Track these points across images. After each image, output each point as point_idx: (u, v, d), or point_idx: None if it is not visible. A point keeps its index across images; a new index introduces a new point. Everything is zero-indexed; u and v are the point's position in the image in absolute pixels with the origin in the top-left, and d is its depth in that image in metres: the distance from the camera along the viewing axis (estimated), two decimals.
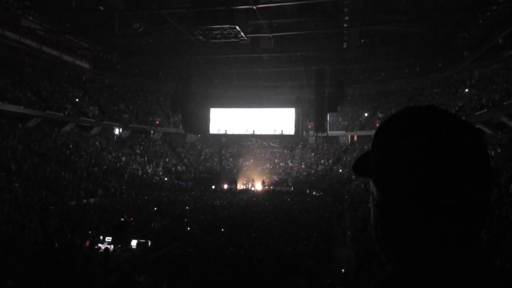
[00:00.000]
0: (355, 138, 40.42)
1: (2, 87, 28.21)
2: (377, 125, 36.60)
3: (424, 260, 0.70)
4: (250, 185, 35.60)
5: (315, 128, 35.59)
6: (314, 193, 31.61)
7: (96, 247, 14.24)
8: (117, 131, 40.24)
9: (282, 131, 39.88)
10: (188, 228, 18.14)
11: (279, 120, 39.84)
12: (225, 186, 35.05)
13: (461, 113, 28.22)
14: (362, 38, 30.52)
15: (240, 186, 35.80)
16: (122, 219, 19.12)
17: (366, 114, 39.95)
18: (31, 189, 21.72)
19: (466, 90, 32.40)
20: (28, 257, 11.13)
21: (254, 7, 22.18)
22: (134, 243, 15.60)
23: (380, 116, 38.13)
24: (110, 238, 15.25)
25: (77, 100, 36.22)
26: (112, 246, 14.62)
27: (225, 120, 40.70)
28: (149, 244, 15.55)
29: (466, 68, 32.28)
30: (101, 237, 15.42)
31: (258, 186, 35.01)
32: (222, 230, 17.94)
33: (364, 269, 9.32)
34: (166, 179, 36.32)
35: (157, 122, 41.95)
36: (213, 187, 34.81)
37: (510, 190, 14.11)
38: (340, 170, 36.32)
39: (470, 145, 0.70)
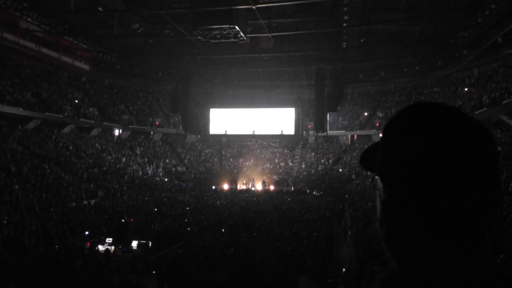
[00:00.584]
0: (355, 137, 40.41)
1: (1, 89, 28.19)
2: (377, 124, 36.68)
3: (424, 260, 0.70)
4: (250, 185, 35.62)
5: (315, 128, 35.61)
6: (314, 193, 31.61)
7: (96, 248, 14.23)
8: (117, 132, 40.23)
9: (282, 131, 39.92)
10: (189, 229, 18.14)
11: (279, 120, 39.88)
12: (226, 186, 35.05)
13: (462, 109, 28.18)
14: (362, 37, 30.48)
15: (240, 186, 35.81)
16: (123, 220, 19.12)
17: (366, 114, 39.94)
18: (31, 191, 21.69)
19: (466, 89, 32.40)
20: (28, 259, 11.12)
21: (254, 7, 22.18)
22: (134, 244, 15.61)
23: (380, 115, 38.12)
24: (111, 239, 15.25)
25: (76, 101, 36.21)
26: (112, 247, 14.62)
27: (225, 120, 40.74)
28: (150, 244, 15.56)
29: (465, 67, 32.29)
30: (102, 238, 15.42)
31: (258, 186, 35.03)
32: (223, 230, 17.95)
33: (365, 269, 9.30)
34: (166, 179, 36.32)
35: (157, 123, 41.95)
36: (214, 187, 34.82)
37: (510, 189, 14.11)
38: (340, 170, 36.30)
39: (476, 145, 0.69)
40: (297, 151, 40.98)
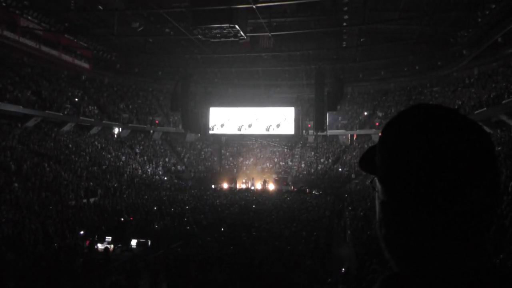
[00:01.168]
0: (355, 137, 40.41)
1: (1, 87, 28.17)
2: (377, 123, 36.67)
3: (424, 260, 0.70)
4: (250, 184, 35.63)
5: (315, 127, 35.58)
6: (314, 192, 31.62)
7: (96, 247, 14.23)
8: (116, 130, 40.23)
9: (281, 130, 39.92)
10: (188, 228, 18.14)
11: (279, 119, 39.87)
12: (225, 186, 35.06)
13: (461, 111, 28.17)
14: (362, 37, 30.44)
15: (240, 185, 35.81)
16: (122, 219, 19.12)
17: (365, 113, 39.94)
18: (30, 189, 21.67)
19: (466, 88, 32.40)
20: (28, 258, 11.12)
21: (254, 6, 22.13)
22: (134, 242, 15.61)
23: (379, 115, 38.11)
24: (110, 237, 15.25)
25: (76, 99, 36.20)
26: (112, 246, 14.62)
27: (224, 119, 40.73)
28: (149, 243, 15.56)
29: (465, 67, 32.28)
30: (101, 237, 15.41)
31: (258, 186, 35.05)
32: (222, 229, 17.96)
33: (365, 268, 9.31)
34: (166, 178, 36.31)
35: (157, 122, 41.94)
36: (213, 186, 34.83)
37: (510, 189, 14.10)
38: (340, 169, 36.32)
39: (475, 145, 0.69)
40: (297, 151, 41.00)
